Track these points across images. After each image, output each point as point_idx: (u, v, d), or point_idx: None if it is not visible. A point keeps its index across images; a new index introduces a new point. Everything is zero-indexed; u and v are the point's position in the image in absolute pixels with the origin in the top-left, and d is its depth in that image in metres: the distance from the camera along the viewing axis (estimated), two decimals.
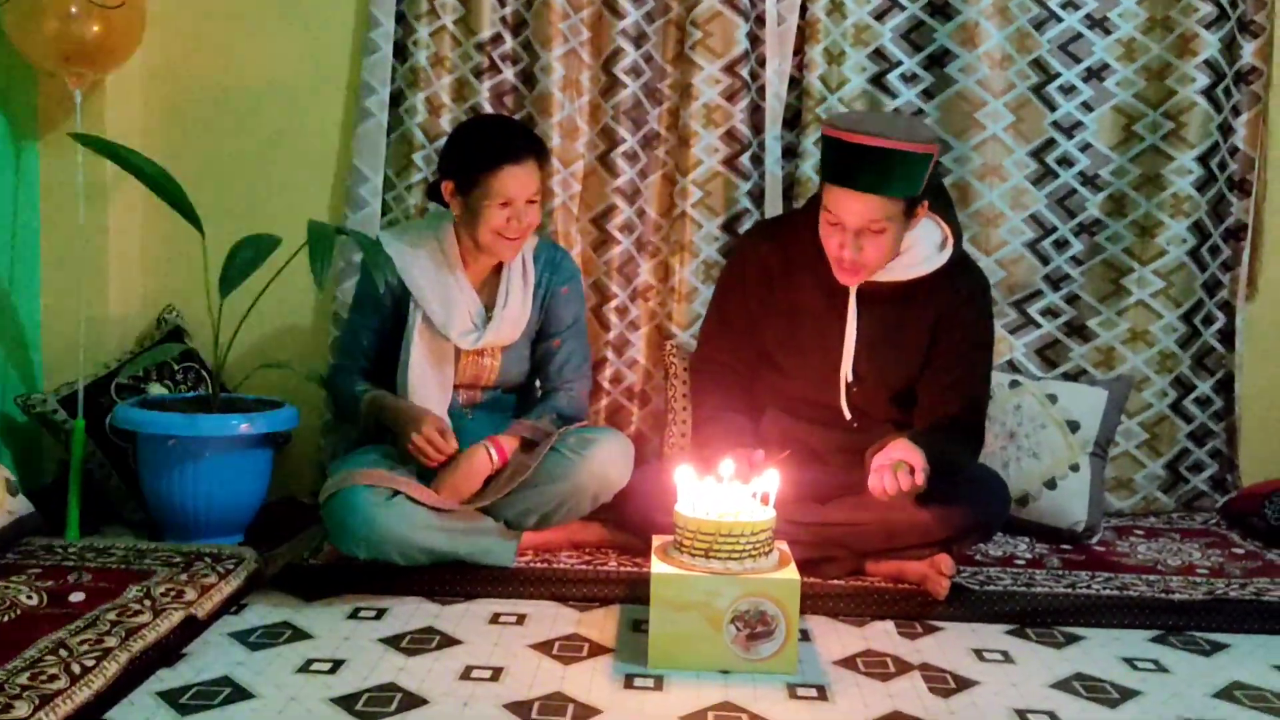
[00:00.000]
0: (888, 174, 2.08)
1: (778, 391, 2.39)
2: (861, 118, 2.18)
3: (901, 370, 2.31)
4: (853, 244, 2.15)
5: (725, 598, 1.84)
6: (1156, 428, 2.95)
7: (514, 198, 2.30)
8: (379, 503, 2.18)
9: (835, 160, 2.12)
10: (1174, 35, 2.86)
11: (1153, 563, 2.48)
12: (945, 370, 2.29)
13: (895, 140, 2.05)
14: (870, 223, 2.12)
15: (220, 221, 2.46)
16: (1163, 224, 2.88)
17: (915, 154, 2.07)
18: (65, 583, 2.03)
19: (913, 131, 2.11)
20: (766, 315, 2.35)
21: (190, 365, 2.80)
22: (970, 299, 2.30)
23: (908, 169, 2.08)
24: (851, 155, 2.07)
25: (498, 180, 2.29)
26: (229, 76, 2.89)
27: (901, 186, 2.10)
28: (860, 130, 2.06)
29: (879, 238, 2.14)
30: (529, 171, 2.32)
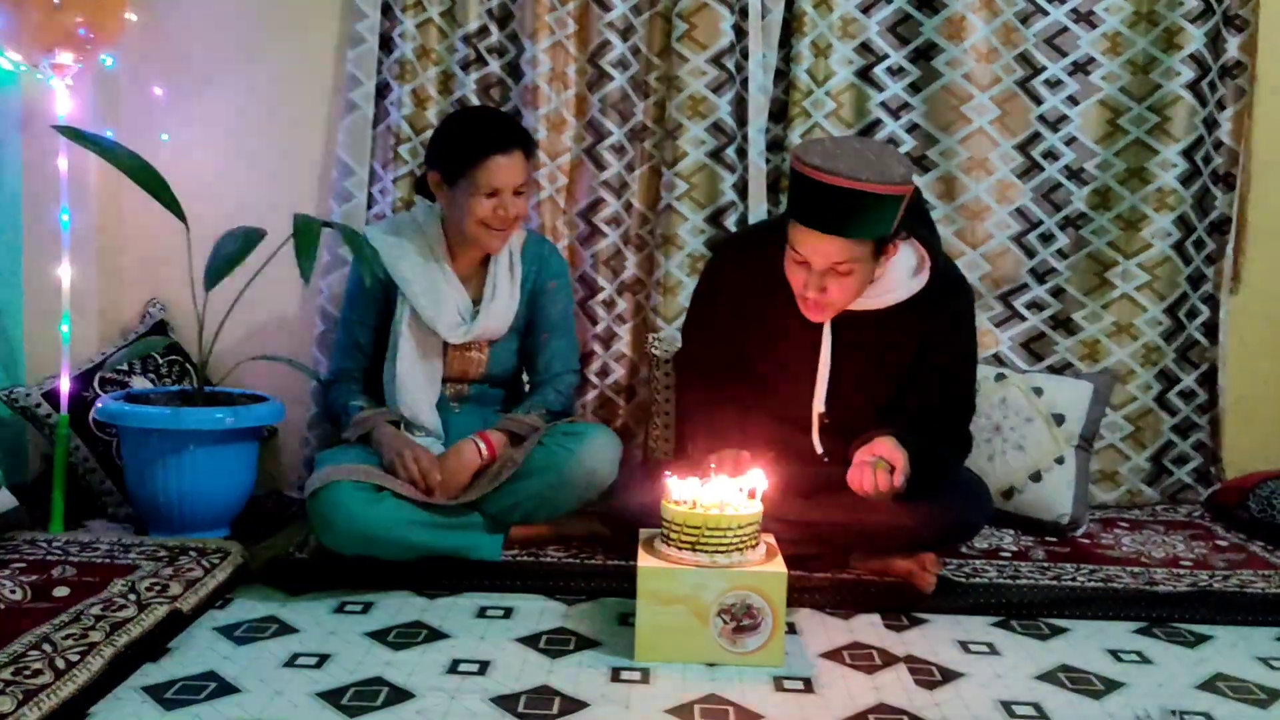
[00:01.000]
0: (857, 216, 1.97)
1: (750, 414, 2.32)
2: (833, 152, 1.98)
3: (878, 400, 2.24)
4: (817, 284, 2.06)
5: (712, 591, 1.84)
6: (1141, 421, 2.97)
7: (501, 187, 2.30)
8: (365, 498, 2.17)
9: (803, 198, 2.01)
10: (1159, 29, 2.87)
11: (1137, 555, 2.50)
12: (931, 385, 2.24)
13: (866, 182, 1.93)
14: (837, 264, 2.04)
15: (205, 214, 2.44)
16: (1147, 218, 2.89)
17: (887, 195, 1.96)
18: (49, 577, 2.02)
19: (886, 170, 1.96)
20: (740, 332, 2.28)
21: (175, 359, 2.78)
22: (954, 319, 2.23)
23: (879, 211, 1.98)
24: (820, 195, 1.96)
25: (485, 170, 2.29)
26: (214, 68, 2.88)
27: (873, 228, 2.00)
28: (830, 169, 1.94)
29: (846, 279, 2.06)
30: (516, 162, 2.32)
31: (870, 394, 2.24)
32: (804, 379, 2.24)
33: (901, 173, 1.99)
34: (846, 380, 2.23)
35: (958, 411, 2.29)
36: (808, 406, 2.26)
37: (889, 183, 1.95)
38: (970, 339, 2.28)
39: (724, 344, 2.32)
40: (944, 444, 2.25)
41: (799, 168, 1.99)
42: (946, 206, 2.91)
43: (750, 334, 2.27)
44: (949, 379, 2.25)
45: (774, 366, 2.27)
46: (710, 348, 2.36)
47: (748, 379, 2.32)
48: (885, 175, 1.96)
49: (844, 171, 1.94)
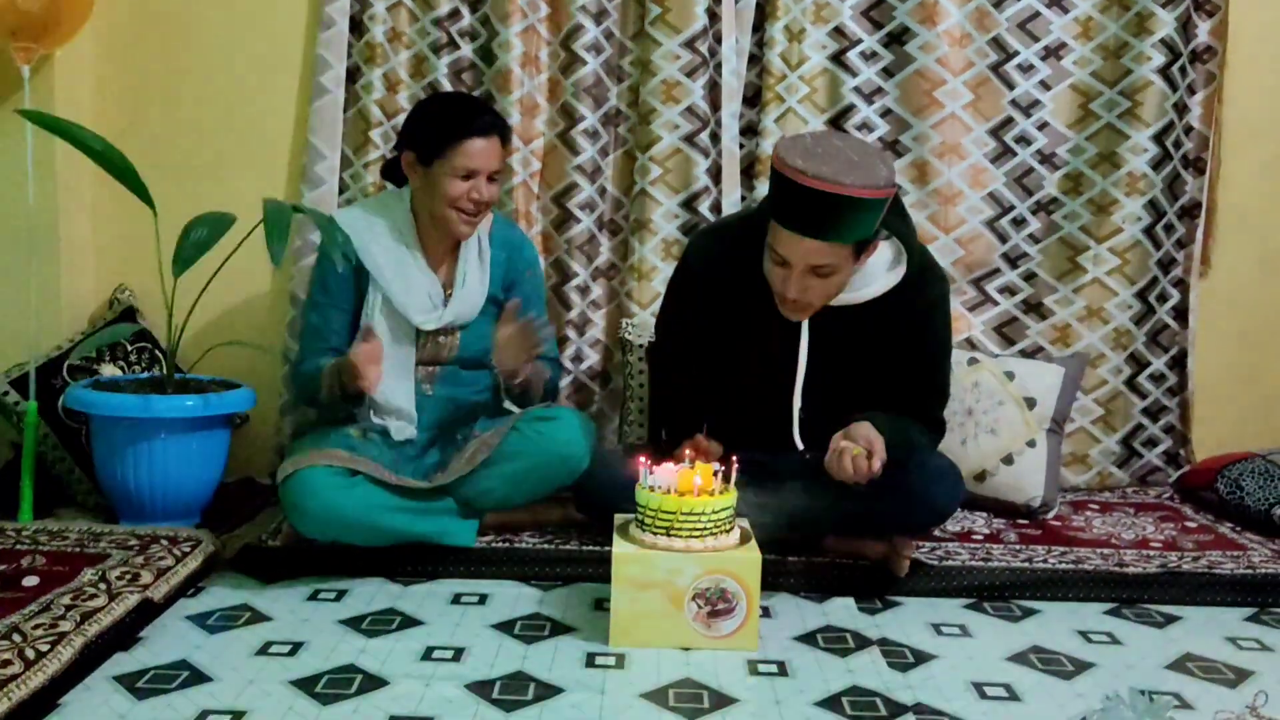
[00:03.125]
0: (840, 220, 1.94)
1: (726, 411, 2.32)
2: (815, 152, 1.93)
3: (856, 393, 2.21)
4: (797, 284, 2.04)
5: (686, 576, 1.85)
6: (1111, 404, 2.99)
7: (477, 170, 2.30)
8: (338, 484, 2.16)
9: (784, 201, 1.97)
10: (1131, 14, 2.88)
11: (1107, 537, 2.52)
12: (907, 373, 2.23)
13: (851, 186, 1.89)
14: (817, 266, 2.02)
15: (174, 199, 2.42)
16: (1118, 202, 2.91)
17: (871, 199, 1.93)
18: (18, 566, 2.00)
19: (870, 173, 1.93)
20: (715, 323, 2.27)
21: (144, 345, 2.75)
22: (930, 309, 2.22)
23: (862, 214, 1.94)
24: (802, 198, 1.92)
25: (462, 152, 2.28)
26: (182, 52, 2.84)
27: (851, 232, 1.97)
28: (813, 173, 1.89)
29: (826, 280, 2.05)
30: (493, 146, 2.32)
31: (848, 388, 2.23)
32: (782, 375, 2.23)
33: (885, 176, 1.96)
34: (824, 375, 2.23)
35: (933, 398, 2.29)
36: (786, 402, 2.25)
37: (873, 187, 1.92)
38: (946, 328, 2.28)
39: (699, 337, 2.31)
40: (919, 431, 2.26)
41: (781, 169, 1.95)
42: (919, 191, 2.91)
43: (726, 328, 2.26)
44: (925, 367, 2.25)
45: (751, 362, 2.26)
46: (684, 341, 2.34)
47: (723, 372, 2.31)
48: (869, 179, 1.92)
49: (827, 175, 1.90)
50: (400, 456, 2.34)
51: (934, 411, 2.29)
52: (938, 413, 2.30)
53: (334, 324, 2.40)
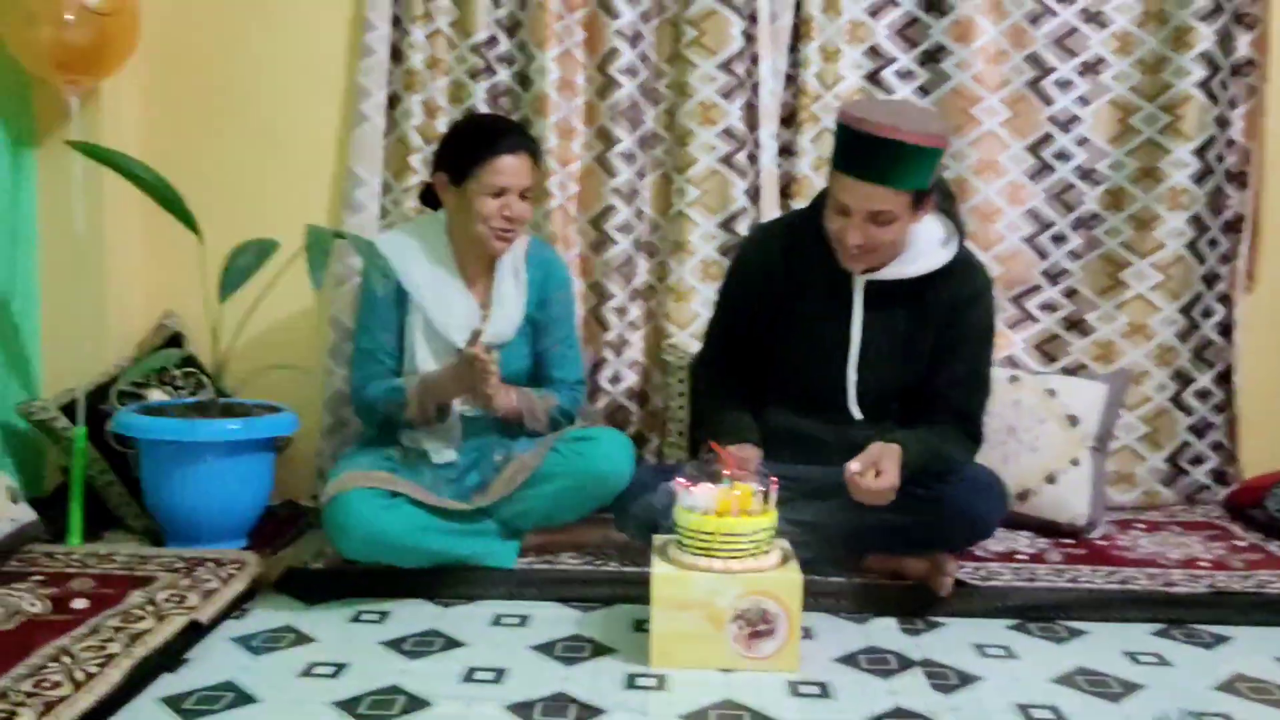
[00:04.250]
0: (897, 165, 2.07)
1: (783, 388, 2.38)
2: (876, 106, 2.18)
3: (907, 367, 2.31)
4: (859, 230, 2.14)
5: (726, 596, 1.84)
6: (1156, 421, 2.95)
7: (508, 187, 2.33)
8: (380, 505, 2.18)
9: (846, 148, 2.12)
10: (1169, 28, 2.85)
11: (1154, 556, 2.48)
12: (950, 367, 2.29)
13: (907, 132, 2.04)
14: (877, 212, 2.12)
15: (218, 226, 2.45)
16: (1160, 217, 2.88)
17: (926, 148, 2.07)
18: (68, 589, 2.04)
19: (926, 124, 2.10)
20: (771, 313, 2.34)
21: (190, 370, 2.80)
22: (975, 297, 2.30)
23: (918, 162, 2.08)
24: (863, 144, 2.07)
25: (492, 169, 2.32)
26: (225, 81, 2.90)
27: (911, 179, 2.10)
28: (873, 119, 2.05)
29: (885, 228, 2.14)
30: (523, 163, 2.36)
31: (899, 360, 2.29)
32: (838, 346, 2.30)
33: (940, 128, 2.14)
34: (877, 346, 2.29)
35: (974, 393, 2.32)
36: (840, 374, 2.30)
37: (927, 134, 2.07)
38: (989, 318, 2.35)
39: (749, 332, 2.37)
40: (953, 440, 2.26)
41: (844, 120, 2.11)
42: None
43: (783, 306, 2.33)
44: (967, 356, 2.29)
45: (807, 337, 2.32)
46: (733, 340, 2.40)
47: (772, 365, 2.36)
48: (926, 128, 2.08)
49: (886, 122, 2.05)
50: (440, 478, 2.35)
51: (973, 412, 2.31)
52: (978, 414, 2.32)
53: (385, 346, 2.43)
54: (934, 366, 2.30)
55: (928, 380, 2.31)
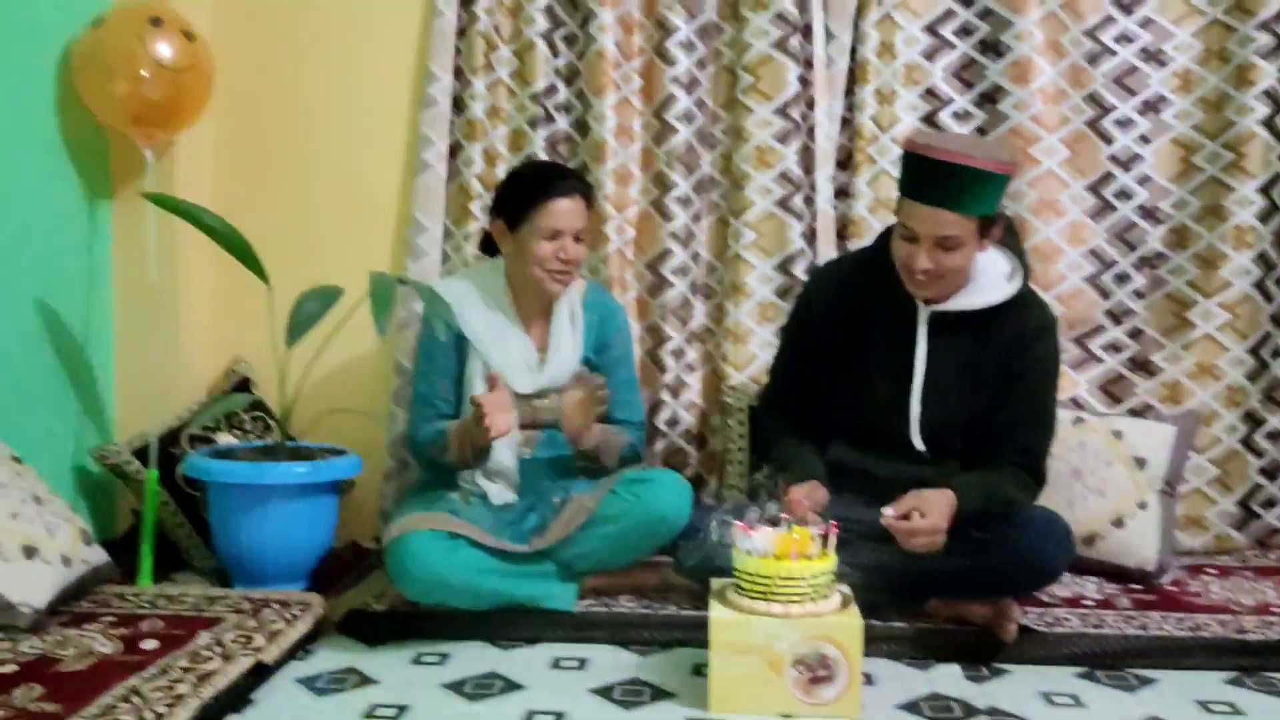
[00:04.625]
0: (964, 191, 2.10)
1: (847, 424, 2.38)
2: (942, 136, 2.23)
3: (971, 399, 2.29)
4: (927, 256, 2.16)
5: (786, 641, 1.83)
6: (1227, 464, 2.88)
7: (562, 229, 2.38)
8: (441, 547, 2.21)
9: (914, 175, 2.15)
10: (1231, 66, 2.82)
11: (1226, 602, 2.42)
12: (1013, 404, 2.27)
13: (974, 159, 2.08)
14: (945, 237, 2.14)
15: (286, 274, 2.51)
16: (1226, 256, 2.83)
17: (992, 174, 2.09)
18: (138, 630, 2.07)
19: (991, 152, 2.13)
20: (837, 346, 2.36)
21: (258, 414, 2.86)
22: (1040, 332, 2.30)
23: (985, 187, 2.11)
24: (931, 170, 2.10)
25: (546, 212, 2.37)
26: (292, 134, 2.98)
27: (976, 204, 2.12)
28: (941, 146, 2.10)
29: (952, 253, 2.16)
30: (576, 206, 2.41)
31: (962, 392, 2.29)
32: (902, 378, 2.30)
33: (1006, 155, 2.16)
34: (941, 378, 2.29)
35: (1037, 432, 2.30)
36: (904, 405, 2.30)
37: (995, 160, 2.10)
38: (1055, 354, 2.34)
39: (813, 368, 2.38)
40: (1012, 481, 2.23)
41: (911, 148, 2.15)
42: None
43: (847, 338, 2.34)
44: (1030, 393, 2.28)
45: (872, 369, 2.32)
46: (797, 379, 2.42)
47: (837, 401, 2.36)
48: (992, 154, 2.12)
49: (954, 149, 2.10)
50: (500, 520, 2.38)
51: (1037, 446, 2.29)
52: (1041, 449, 2.30)
53: (441, 391, 2.47)
54: (997, 403, 2.28)
55: (991, 417, 2.29)
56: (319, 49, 2.97)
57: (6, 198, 2.46)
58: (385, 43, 2.96)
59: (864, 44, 2.87)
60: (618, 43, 2.87)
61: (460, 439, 2.38)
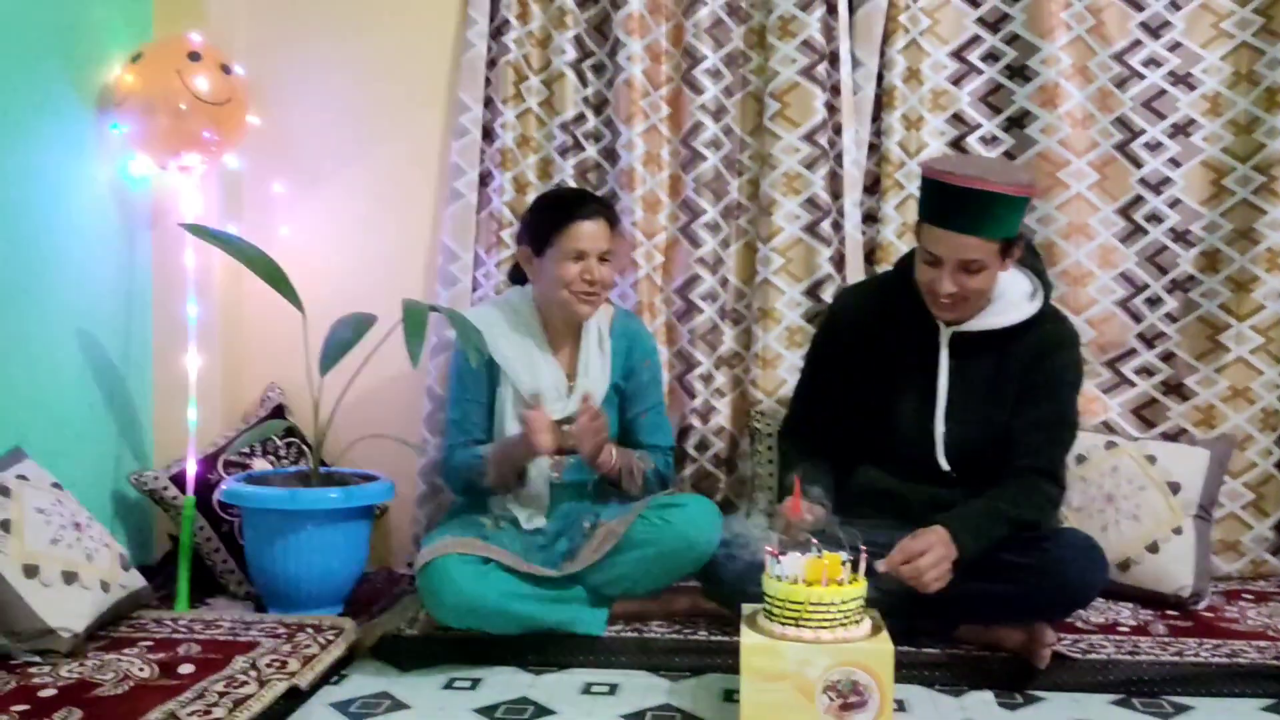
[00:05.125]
0: (985, 215, 2.11)
1: (873, 447, 2.38)
2: (960, 160, 2.23)
3: (994, 417, 2.30)
4: (950, 279, 2.18)
5: (817, 667, 1.82)
6: (1263, 488, 2.85)
7: (586, 251, 2.41)
8: (472, 571, 2.22)
9: (933, 201, 2.17)
10: (1260, 89, 2.82)
11: (1264, 628, 2.39)
12: (1031, 410, 2.28)
13: (993, 183, 2.09)
14: (968, 261, 2.15)
15: (320, 302, 2.55)
16: (1259, 279, 2.82)
17: (1012, 196, 2.11)
18: (175, 654, 2.10)
19: (1010, 174, 2.15)
20: (860, 369, 2.36)
21: (292, 440, 2.89)
22: (1060, 344, 2.32)
23: (1006, 210, 2.12)
24: (950, 196, 2.12)
25: (569, 235, 2.41)
26: (325, 163, 3.02)
27: (998, 227, 2.13)
28: (960, 172, 2.11)
29: (975, 277, 2.18)
30: (600, 228, 2.44)
31: (985, 410, 2.29)
32: (926, 399, 2.31)
33: (1025, 178, 2.19)
34: (965, 398, 2.30)
35: (1056, 434, 2.30)
36: (928, 426, 2.31)
37: (1014, 184, 2.12)
38: (1076, 367, 2.35)
39: (838, 392, 2.39)
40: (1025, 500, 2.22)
41: (930, 174, 2.17)
42: (1048, 273, 2.87)
43: (872, 360, 2.35)
44: (1051, 397, 2.29)
45: (895, 390, 2.34)
46: (821, 404, 2.43)
47: (862, 424, 2.37)
48: (1011, 178, 2.14)
49: (973, 174, 2.11)
50: (530, 545, 2.39)
51: (1054, 453, 2.30)
52: (1058, 456, 2.31)
53: (474, 417, 2.50)
54: (1016, 411, 2.29)
55: (1011, 424, 2.29)
56: (352, 80, 3.01)
57: (50, 230, 2.52)
58: (417, 73, 3.00)
59: (891, 70, 2.89)
60: (645, 71, 2.91)
61: (500, 460, 2.41)
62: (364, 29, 3.01)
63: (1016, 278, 2.30)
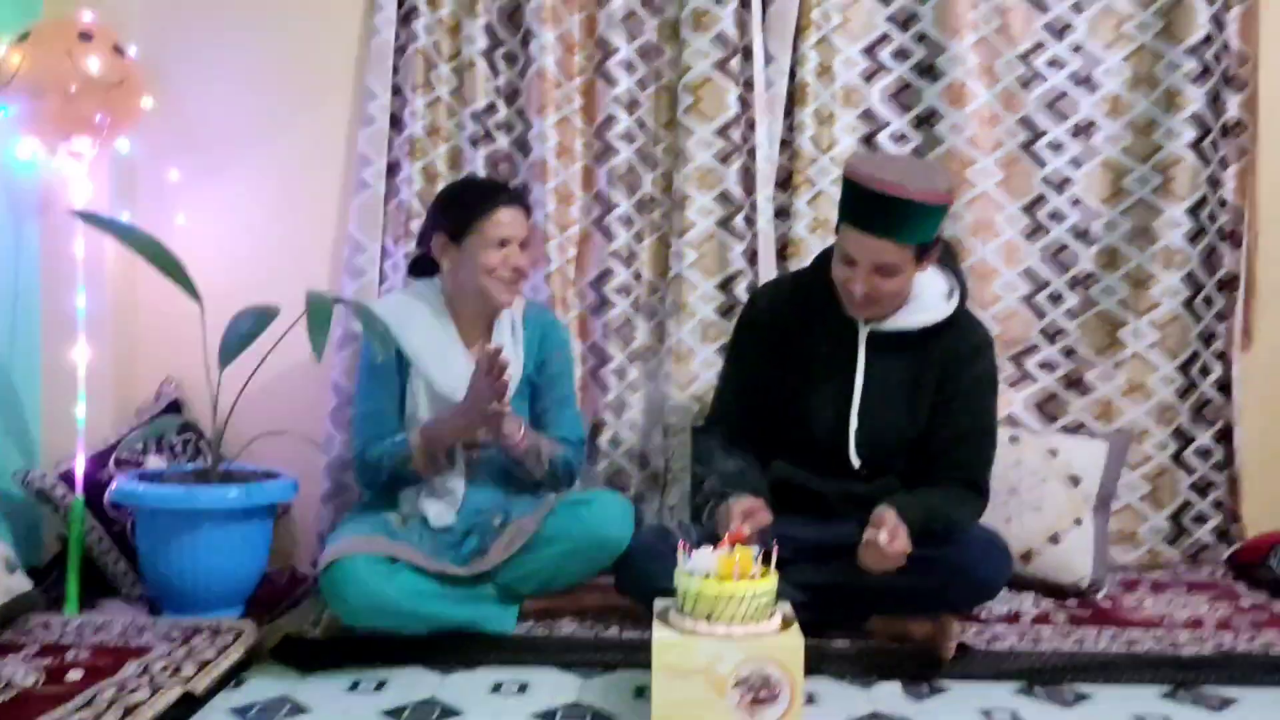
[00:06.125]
0: (904, 222, 2.12)
1: (788, 441, 2.39)
2: (883, 162, 2.20)
3: (908, 417, 2.33)
4: (864, 281, 2.19)
5: (728, 662, 1.82)
6: (1158, 480, 2.94)
7: (509, 237, 2.39)
8: (378, 571, 2.17)
9: (853, 203, 2.16)
10: (1159, 91, 2.90)
11: (1160, 617, 2.46)
12: (952, 421, 2.31)
13: (912, 190, 2.09)
14: (883, 264, 2.16)
15: (219, 293, 2.47)
16: (1155, 276, 2.90)
17: (933, 205, 2.12)
18: (63, 660, 2.02)
19: (930, 180, 2.14)
20: (778, 364, 2.37)
21: (189, 437, 2.80)
22: (976, 350, 2.34)
23: (924, 218, 2.13)
24: (870, 200, 2.11)
25: (493, 222, 2.39)
26: (226, 149, 2.93)
27: (914, 234, 2.15)
28: (881, 176, 2.10)
29: (889, 279, 2.19)
30: (520, 216, 2.44)
31: (900, 410, 2.32)
32: (841, 396, 2.32)
33: (945, 184, 2.17)
34: (879, 396, 2.31)
35: (978, 451, 2.33)
36: (843, 422, 2.32)
37: (933, 191, 2.12)
38: (992, 371, 2.39)
39: (757, 386, 2.40)
40: (956, 502, 2.26)
41: (852, 176, 2.15)
42: None
43: (789, 356, 2.36)
44: (971, 407, 2.32)
45: (812, 386, 2.35)
46: (744, 393, 2.42)
47: (778, 419, 2.38)
48: (929, 185, 2.12)
49: (892, 180, 2.09)
50: (439, 543, 2.35)
51: (978, 463, 2.33)
52: (982, 465, 2.33)
53: (386, 411, 2.45)
54: (936, 421, 2.32)
55: (931, 436, 2.32)
56: (253, 65, 2.93)
57: None
58: (322, 59, 2.93)
59: (803, 66, 2.90)
60: (558, 62, 2.87)
61: (431, 441, 2.35)
62: (267, 11, 2.93)
63: (934, 277, 2.32)
